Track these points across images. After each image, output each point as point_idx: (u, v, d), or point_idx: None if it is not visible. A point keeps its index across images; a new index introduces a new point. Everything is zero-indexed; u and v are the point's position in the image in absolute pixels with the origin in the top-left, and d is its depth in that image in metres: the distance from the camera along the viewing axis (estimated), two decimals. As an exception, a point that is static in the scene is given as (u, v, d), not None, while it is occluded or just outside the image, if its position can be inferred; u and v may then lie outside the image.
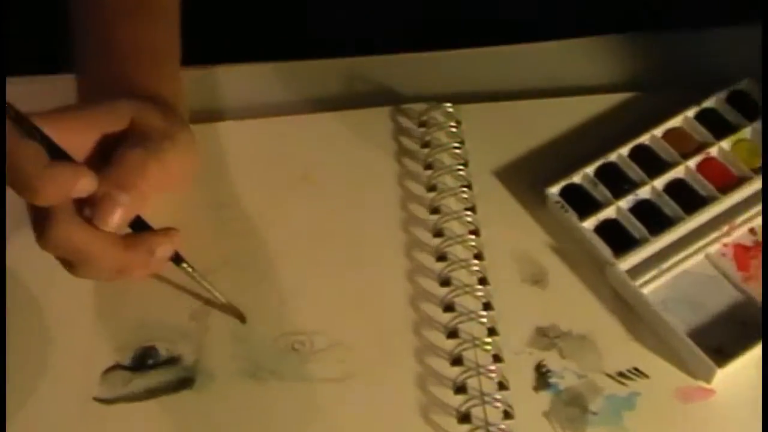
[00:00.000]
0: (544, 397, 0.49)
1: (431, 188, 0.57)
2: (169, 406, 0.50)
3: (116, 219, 0.45)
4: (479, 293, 0.52)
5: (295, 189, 0.57)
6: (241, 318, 0.52)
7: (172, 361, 0.52)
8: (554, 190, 0.55)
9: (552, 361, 0.50)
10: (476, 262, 0.53)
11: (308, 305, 0.53)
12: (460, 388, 0.50)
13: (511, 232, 0.55)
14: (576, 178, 0.56)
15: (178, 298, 0.54)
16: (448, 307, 0.53)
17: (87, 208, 0.45)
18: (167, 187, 0.49)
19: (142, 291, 0.54)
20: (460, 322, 0.52)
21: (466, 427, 0.49)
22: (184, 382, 0.51)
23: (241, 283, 0.54)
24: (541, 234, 0.55)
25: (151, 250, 0.47)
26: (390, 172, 0.58)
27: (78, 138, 0.46)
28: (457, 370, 0.50)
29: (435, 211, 0.56)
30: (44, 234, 0.44)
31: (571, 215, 0.54)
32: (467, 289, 0.52)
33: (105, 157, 0.47)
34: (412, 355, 0.51)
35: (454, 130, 0.58)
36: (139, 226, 0.48)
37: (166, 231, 0.48)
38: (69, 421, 0.50)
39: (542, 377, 0.50)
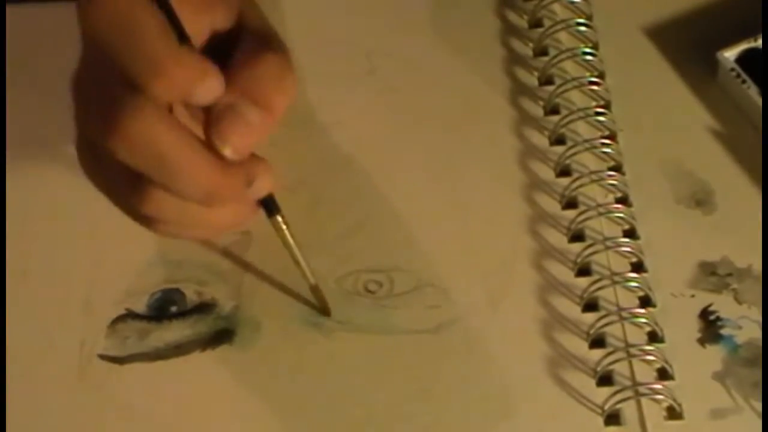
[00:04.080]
0: (715, 354, 0.47)
1: (541, 52, 0.55)
2: (201, 366, 0.48)
3: (241, 140, 0.41)
4: (618, 215, 0.50)
5: (361, 81, 0.56)
6: (326, 311, 0.49)
7: (204, 307, 0.50)
8: (729, 54, 0.53)
9: (724, 306, 0.48)
10: (613, 174, 0.51)
11: (385, 232, 0.51)
12: (597, 341, 0.47)
13: (662, 119, 0.53)
14: (760, 41, 0.53)
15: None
16: (577, 236, 0.50)
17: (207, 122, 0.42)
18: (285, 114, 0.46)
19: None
20: (594, 254, 0.49)
21: (606, 389, 0.46)
22: (222, 335, 0.49)
23: (289, 205, 0.52)
24: (705, 119, 0.52)
25: (249, 178, 0.43)
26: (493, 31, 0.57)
27: (193, 27, 0.42)
28: (591, 316, 0.48)
29: (553, 110, 0.54)
30: (122, 123, 0.39)
31: (752, 90, 0.51)
32: (601, 210, 0.50)
33: None
34: (532, 297, 0.49)
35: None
36: None
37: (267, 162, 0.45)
38: (66, 385, 0.48)
39: (711, 327, 0.47)
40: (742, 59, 0.52)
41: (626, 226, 0.50)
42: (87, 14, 0.39)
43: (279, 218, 0.45)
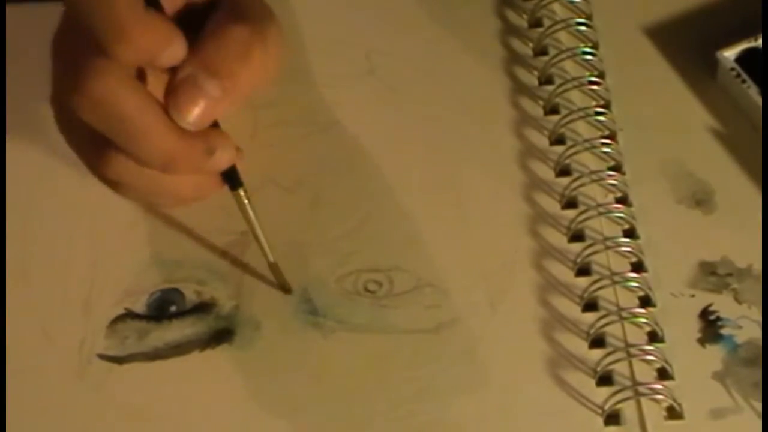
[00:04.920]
0: (715, 353, 0.47)
1: (541, 51, 0.55)
2: (200, 366, 0.48)
3: (196, 113, 0.42)
4: (618, 215, 0.49)
5: (360, 80, 0.56)
6: (286, 289, 0.49)
7: (204, 307, 0.50)
8: (729, 54, 0.52)
9: (724, 306, 0.48)
10: (613, 173, 0.50)
11: (385, 232, 0.51)
12: (597, 340, 0.47)
13: (662, 118, 0.52)
14: (760, 41, 0.53)
15: (208, 225, 0.51)
16: (577, 236, 0.50)
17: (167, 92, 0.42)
18: (255, 88, 0.45)
19: (159, 214, 0.52)
20: (594, 254, 0.49)
21: (606, 389, 0.46)
22: (221, 335, 0.49)
23: (290, 204, 0.52)
24: (705, 118, 0.52)
25: (210, 148, 0.43)
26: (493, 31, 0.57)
27: None
28: (591, 316, 0.48)
29: (553, 110, 0.54)
30: (85, 83, 0.40)
31: (752, 90, 0.51)
32: (601, 210, 0.50)
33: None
34: (532, 297, 0.49)
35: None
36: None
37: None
38: (66, 384, 0.48)
39: (711, 327, 0.47)
40: (742, 59, 0.52)
41: (626, 226, 0.50)
42: None
43: (241, 192, 0.46)
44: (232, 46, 0.43)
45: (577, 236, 0.50)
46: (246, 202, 0.46)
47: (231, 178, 0.46)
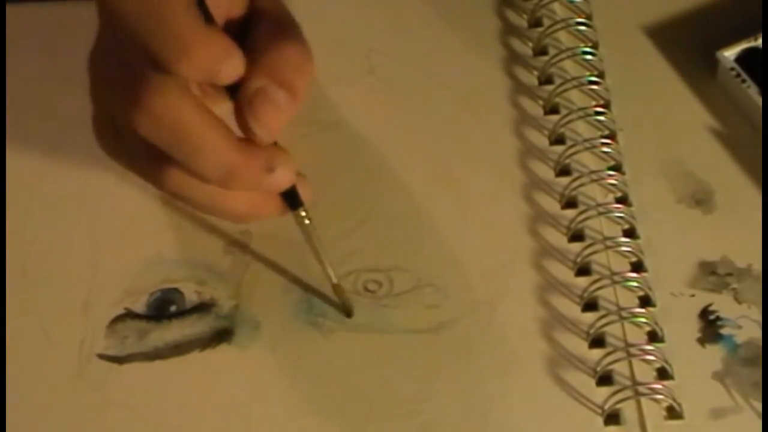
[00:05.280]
0: (715, 353, 0.47)
1: (541, 51, 0.55)
2: (200, 366, 0.48)
3: (273, 122, 0.42)
4: (618, 215, 0.49)
5: (360, 80, 0.56)
6: (348, 311, 0.49)
7: (203, 307, 0.50)
8: (729, 54, 0.52)
9: (724, 306, 0.48)
10: (613, 173, 0.50)
11: (385, 232, 0.51)
12: (597, 340, 0.47)
13: (662, 118, 0.52)
14: (760, 41, 0.52)
15: (208, 225, 0.51)
16: (577, 235, 0.50)
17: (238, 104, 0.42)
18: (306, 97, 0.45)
19: (160, 214, 0.52)
20: (594, 254, 0.49)
21: (606, 389, 0.46)
22: (221, 335, 0.49)
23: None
24: (705, 118, 0.52)
25: (270, 165, 0.43)
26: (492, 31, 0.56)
27: (211, 9, 0.42)
28: (591, 316, 0.48)
29: (553, 110, 0.54)
30: (147, 99, 0.40)
31: (752, 90, 0.51)
32: (601, 210, 0.50)
33: None
34: (532, 297, 0.48)
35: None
36: None
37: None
38: (65, 384, 0.48)
39: (711, 327, 0.47)
40: (742, 59, 0.52)
41: (626, 226, 0.50)
42: None
43: (302, 213, 0.45)
44: (291, 58, 0.43)
45: (577, 236, 0.50)
46: (307, 222, 0.45)
47: (290, 197, 0.45)
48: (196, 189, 0.43)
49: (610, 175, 0.50)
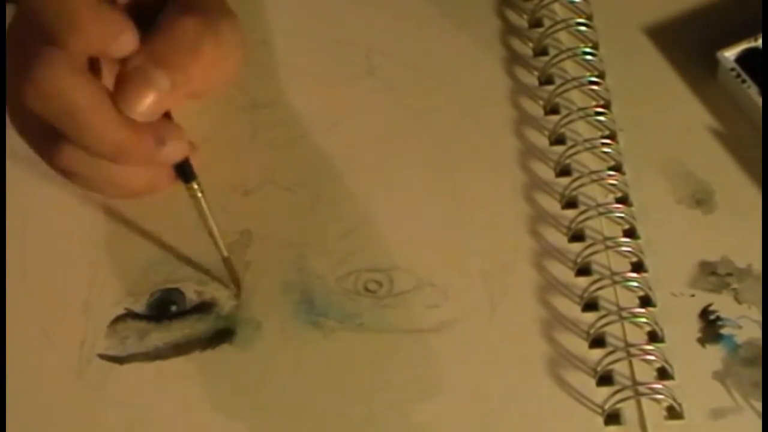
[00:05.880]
0: (715, 353, 0.47)
1: (541, 51, 0.55)
2: (201, 366, 0.48)
3: (144, 105, 0.42)
4: (618, 215, 0.49)
5: (360, 80, 0.56)
6: (237, 284, 0.49)
7: (204, 307, 0.50)
8: (729, 54, 0.52)
9: (724, 306, 0.48)
10: (613, 174, 0.50)
11: (385, 232, 0.51)
12: (597, 340, 0.47)
13: (662, 118, 0.52)
14: (760, 41, 0.52)
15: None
16: (577, 236, 0.50)
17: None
18: (209, 83, 0.46)
19: (160, 215, 0.52)
20: (594, 254, 0.49)
21: (606, 389, 0.46)
22: (221, 335, 0.49)
23: (289, 205, 0.52)
24: (705, 118, 0.52)
25: (161, 138, 0.44)
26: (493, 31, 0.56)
27: None
28: (591, 316, 0.48)
29: (553, 110, 0.54)
30: (35, 74, 0.41)
31: (752, 90, 0.51)
32: (601, 210, 0.50)
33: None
34: (532, 297, 0.49)
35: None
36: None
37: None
38: (66, 384, 0.48)
39: (711, 327, 0.47)
40: (742, 59, 0.52)
41: (626, 226, 0.50)
42: None
43: (194, 185, 0.46)
44: (181, 38, 0.43)
45: (577, 236, 0.50)
46: (199, 195, 0.46)
47: (184, 171, 0.46)
48: (89, 166, 0.44)
49: (611, 175, 0.50)
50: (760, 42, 0.52)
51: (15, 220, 0.53)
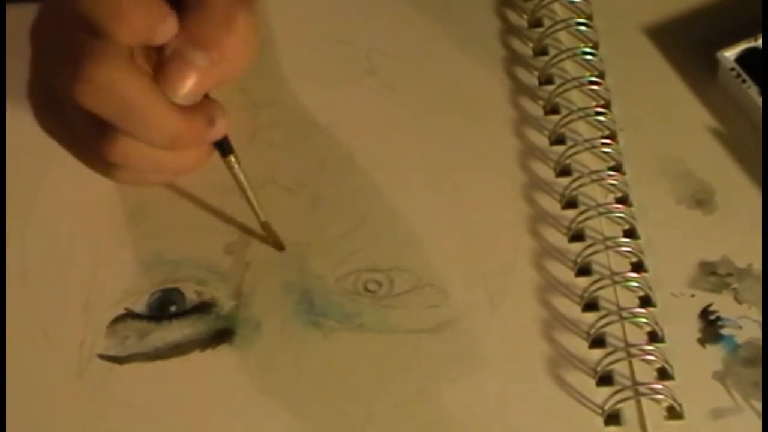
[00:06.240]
0: (715, 353, 0.47)
1: (541, 51, 0.55)
2: (201, 366, 0.48)
3: (188, 86, 0.42)
4: (618, 215, 0.49)
5: (360, 80, 0.56)
6: (280, 246, 0.50)
7: (204, 307, 0.50)
8: (729, 54, 0.52)
9: (724, 306, 0.48)
10: (613, 174, 0.50)
11: (385, 232, 0.51)
12: (597, 340, 0.47)
13: (662, 118, 0.52)
14: (760, 41, 0.52)
15: (208, 225, 0.51)
16: (577, 236, 0.50)
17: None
18: (240, 63, 0.45)
19: (160, 214, 0.52)
20: (594, 254, 0.49)
21: (606, 389, 0.46)
22: (221, 335, 0.49)
23: (290, 204, 0.52)
24: (705, 118, 0.52)
25: (211, 118, 0.44)
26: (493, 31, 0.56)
27: None
28: (591, 316, 0.48)
29: (553, 110, 0.54)
30: (88, 69, 0.40)
31: (752, 90, 0.51)
32: (601, 210, 0.50)
33: None
34: (532, 297, 0.49)
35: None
36: None
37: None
38: (66, 384, 0.48)
39: (711, 327, 0.47)
40: (742, 59, 0.52)
41: (626, 226, 0.50)
42: None
43: (232, 159, 0.46)
44: (215, 15, 0.43)
45: (577, 236, 0.50)
46: (236, 167, 0.47)
47: (222, 145, 0.46)
48: (143, 155, 0.44)
49: (611, 176, 0.50)
50: (760, 42, 0.52)
51: (15, 220, 0.52)
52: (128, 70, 0.41)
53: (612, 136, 0.52)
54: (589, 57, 0.54)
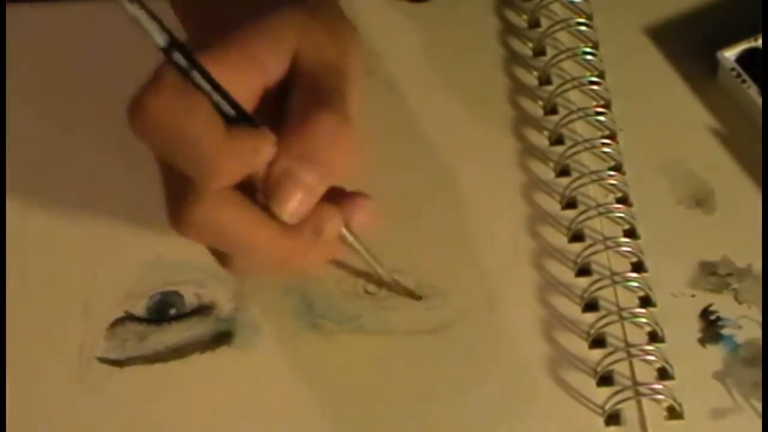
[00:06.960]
0: (715, 353, 0.47)
1: (541, 51, 0.55)
2: (200, 368, 0.48)
3: (300, 203, 0.40)
4: (618, 215, 0.50)
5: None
6: (416, 296, 0.49)
7: (203, 310, 0.50)
8: (729, 54, 0.52)
9: (724, 306, 0.48)
10: (613, 174, 0.50)
11: (385, 233, 0.50)
12: (597, 340, 0.47)
13: (662, 118, 0.52)
14: (760, 41, 0.52)
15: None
16: (577, 236, 0.50)
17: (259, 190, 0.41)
18: (352, 163, 0.42)
19: (159, 218, 0.52)
20: (594, 254, 0.49)
21: (606, 389, 0.46)
22: (221, 338, 0.49)
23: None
24: (705, 118, 0.52)
25: (318, 230, 0.41)
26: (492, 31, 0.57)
27: (241, 86, 0.39)
28: (591, 316, 0.48)
29: (553, 110, 0.54)
30: (183, 215, 0.39)
31: (752, 90, 0.51)
32: (601, 210, 0.50)
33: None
34: (532, 297, 0.49)
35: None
36: None
37: (354, 196, 0.43)
38: (65, 387, 0.48)
39: (711, 327, 0.47)
40: (742, 59, 0.52)
41: (626, 226, 0.50)
42: (133, 124, 0.38)
43: (344, 230, 0.43)
44: (321, 133, 0.40)
45: (577, 236, 0.50)
46: (351, 239, 0.44)
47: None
48: (264, 268, 0.44)
49: (611, 176, 0.50)
50: (760, 42, 0.52)
51: (15, 222, 0.52)
52: (224, 207, 0.39)
53: (612, 136, 0.52)
54: (588, 57, 0.54)
